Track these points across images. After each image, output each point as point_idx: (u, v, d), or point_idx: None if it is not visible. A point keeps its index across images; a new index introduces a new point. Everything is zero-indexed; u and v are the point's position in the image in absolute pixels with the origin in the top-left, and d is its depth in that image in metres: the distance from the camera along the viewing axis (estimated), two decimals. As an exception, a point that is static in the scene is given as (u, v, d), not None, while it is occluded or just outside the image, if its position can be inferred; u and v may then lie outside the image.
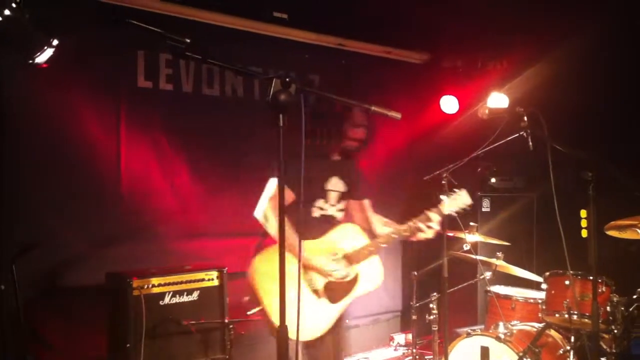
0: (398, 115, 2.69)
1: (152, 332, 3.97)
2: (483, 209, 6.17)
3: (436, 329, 4.73)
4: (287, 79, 2.43)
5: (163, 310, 4.09)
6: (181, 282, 4.18)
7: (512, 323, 4.48)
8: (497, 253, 4.67)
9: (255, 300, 3.43)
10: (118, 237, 4.74)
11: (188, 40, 2.36)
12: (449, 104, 6.44)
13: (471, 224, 4.70)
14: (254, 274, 3.47)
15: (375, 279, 3.73)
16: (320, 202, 3.70)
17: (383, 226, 3.85)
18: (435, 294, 4.69)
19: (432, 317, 4.70)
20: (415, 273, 4.89)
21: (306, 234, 3.55)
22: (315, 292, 3.54)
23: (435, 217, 3.64)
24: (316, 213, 3.69)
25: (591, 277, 3.55)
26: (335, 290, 3.57)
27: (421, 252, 6.09)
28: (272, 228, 3.47)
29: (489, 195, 6.25)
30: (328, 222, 3.73)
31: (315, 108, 3.64)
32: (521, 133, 3.72)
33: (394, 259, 6.77)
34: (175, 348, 4.11)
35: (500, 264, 4.64)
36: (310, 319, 3.46)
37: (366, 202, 3.93)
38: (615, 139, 5.59)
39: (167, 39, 2.35)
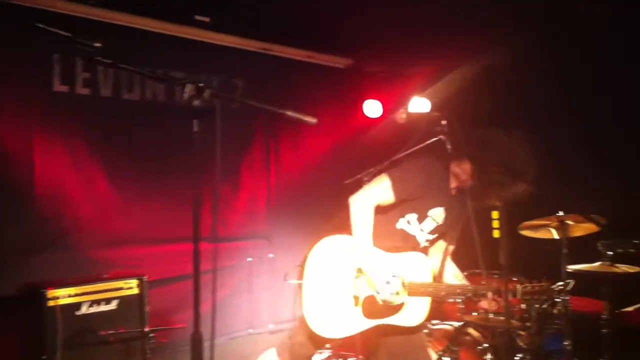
0: (313, 121, 2.59)
1: (68, 343, 3.88)
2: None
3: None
4: (201, 84, 2.40)
5: (80, 320, 4.00)
6: (98, 292, 4.10)
7: (433, 322, 4.58)
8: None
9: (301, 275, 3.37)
10: (35, 247, 4.59)
11: (98, 44, 2.31)
12: (372, 108, 6.51)
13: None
14: (308, 253, 3.38)
15: (416, 317, 3.51)
16: (411, 216, 3.53)
17: (453, 277, 3.72)
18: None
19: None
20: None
21: (380, 241, 3.42)
22: (355, 298, 3.38)
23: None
24: (399, 224, 3.53)
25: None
26: (373, 307, 3.39)
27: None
28: (355, 217, 3.38)
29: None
30: (407, 241, 3.55)
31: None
32: (439, 137, 3.82)
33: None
34: (93, 359, 4.02)
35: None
36: (338, 319, 3.35)
37: (450, 249, 3.76)
38: (535, 143, 5.76)
39: (76, 42, 2.30)
